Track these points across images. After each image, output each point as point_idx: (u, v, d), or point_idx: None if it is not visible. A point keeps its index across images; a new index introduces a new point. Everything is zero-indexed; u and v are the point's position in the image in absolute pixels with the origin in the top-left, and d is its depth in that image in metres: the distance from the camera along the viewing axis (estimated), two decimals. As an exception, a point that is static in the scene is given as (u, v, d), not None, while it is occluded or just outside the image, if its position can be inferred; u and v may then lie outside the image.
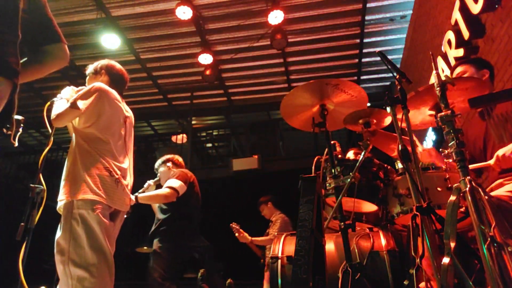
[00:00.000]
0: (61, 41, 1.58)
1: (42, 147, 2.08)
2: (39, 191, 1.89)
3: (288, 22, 6.22)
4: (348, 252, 1.89)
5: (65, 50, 1.60)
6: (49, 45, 1.56)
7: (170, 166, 3.68)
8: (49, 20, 1.57)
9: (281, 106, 2.23)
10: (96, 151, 2.14)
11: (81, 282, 1.90)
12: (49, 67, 1.59)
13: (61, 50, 1.59)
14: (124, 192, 2.21)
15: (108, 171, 2.13)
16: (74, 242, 1.96)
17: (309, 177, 1.87)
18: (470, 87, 1.78)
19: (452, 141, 1.45)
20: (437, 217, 1.50)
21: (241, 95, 8.49)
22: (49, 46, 1.56)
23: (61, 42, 1.58)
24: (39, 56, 1.56)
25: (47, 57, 1.57)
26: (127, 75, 2.58)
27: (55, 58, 1.58)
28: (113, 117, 2.27)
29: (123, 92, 2.51)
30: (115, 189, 2.14)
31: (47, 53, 1.57)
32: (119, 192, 2.16)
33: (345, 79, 2.19)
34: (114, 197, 2.12)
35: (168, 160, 3.76)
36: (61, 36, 1.59)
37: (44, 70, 1.58)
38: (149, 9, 6.09)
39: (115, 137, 2.25)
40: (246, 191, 6.65)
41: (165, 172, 3.64)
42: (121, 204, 2.18)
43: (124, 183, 2.21)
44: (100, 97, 2.22)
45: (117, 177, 2.15)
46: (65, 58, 1.61)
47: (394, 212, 2.12)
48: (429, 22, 5.22)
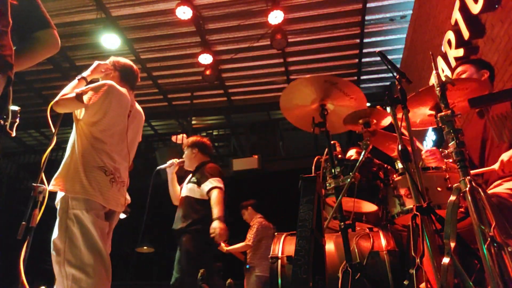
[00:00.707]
0: (50, 26, 1.56)
1: (42, 147, 2.08)
2: (41, 190, 1.89)
3: (288, 22, 6.22)
4: (348, 252, 1.89)
5: (55, 36, 1.58)
6: (38, 31, 1.54)
7: (196, 152, 3.47)
8: (37, 6, 1.54)
9: (280, 100, 2.23)
10: (93, 148, 2.13)
11: (77, 283, 1.89)
12: (41, 54, 1.57)
13: (52, 36, 1.57)
14: (119, 192, 2.19)
15: (103, 171, 2.11)
16: (70, 242, 1.95)
17: (309, 177, 1.87)
18: (470, 87, 1.78)
19: (452, 141, 1.45)
20: (437, 217, 1.50)
21: (241, 95, 8.49)
22: (39, 33, 1.54)
23: (50, 27, 1.56)
24: (29, 43, 1.53)
25: (37, 43, 1.54)
26: (136, 67, 2.57)
27: (45, 44, 1.56)
28: (118, 117, 2.26)
29: (135, 86, 2.51)
30: (110, 189, 2.12)
31: (37, 40, 1.54)
32: (113, 192, 2.14)
33: (345, 79, 2.19)
34: (109, 197, 2.11)
35: (195, 144, 3.49)
36: (50, 22, 1.57)
37: (36, 58, 1.56)
38: (149, 9, 6.09)
39: (115, 137, 2.24)
40: (246, 191, 6.65)
41: (188, 156, 3.48)
42: (115, 204, 2.17)
43: (119, 182, 2.19)
44: (108, 95, 2.21)
45: (112, 177, 2.14)
46: (55, 44, 1.59)
47: (394, 212, 2.12)
48: (429, 22, 5.22)
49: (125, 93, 2.35)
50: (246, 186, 7.71)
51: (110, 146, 2.19)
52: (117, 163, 2.21)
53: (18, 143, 9.76)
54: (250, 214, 5.15)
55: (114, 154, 2.21)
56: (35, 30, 1.54)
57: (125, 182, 2.28)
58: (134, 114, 2.41)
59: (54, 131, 2.14)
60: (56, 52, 1.63)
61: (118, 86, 2.31)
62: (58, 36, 1.60)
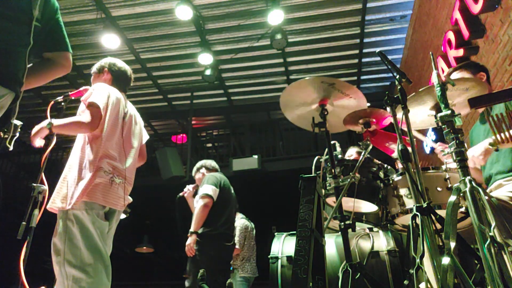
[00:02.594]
0: (66, 49, 1.60)
1: (42, 147, 2.08)
2: (41, 190, 1.89)
3: (288, 22, 6.23)
4: (348, 252, 1.89)
5: (68, 59, 1.62)
6: (54, 52, 1.57)
7: (204, 172, 3.89)
8: (59, 28, 1.59)
9: (280, 100, 2.23)
10: (92, 148, 2.13)
11: (77, 283, 1.88)
12: (51, 75, 1.61)
13: (65, 59, 1.61)
14: (119, 191, 2.19)
15: (103, 170, 2.11)
16: (70, 243, 1.94)
17: (309, 177, 1.87)
18: (470, 87, 1.78)
19: (452, 141, 1.45)
20: (437, 217, 1.50)
21: (241, 95, 8.49)
22: (53, 54, 1.58)
23: (66, 51, 1.60)
24: (42, 65, 1.57)
25: (50, 65, 1.58)
26: (131, 71, 2.58)
27: (57, 66, 1.60)
28: (115, 119, 2.26)
29: (127, 89, 2.52)
30: (109, 188, 2.12)
31: (50, 61, 1.58)
32: (113, 191, 2.14)
33: (343, 80, 2.19)
34: (109, 197, 2.11)
35: (202, 166, 3.97)
36: (68, 45, 1.61)
37: (46, 78, 1.60)
38: (149, 9, 6.09)
39: (113, 136, 2.23)
40: (246, 191, 6.65)
41: (200, 178, 3.89)
42: (115, 203, 2.17)
43: (118, 182, 2.19)
44: (108, 99, 2.23)
45: (111, 176, 2.14)
46: (67, 66, 1.62)
47: (394, 212, 2.12)
48: (429, 22, 5.22)
49: (117, 92, 2.36)
50: (246, 186, 7.72)
51: (110, 143, 2.19)
52: (116, 161, 2.21)
53: (18, 143, 9.74)
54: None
55: (115, 152, 2.21)
56: (51, 50, 1.57)
57: (126, 181, 2.27)
58: (130, 114, 2.43)
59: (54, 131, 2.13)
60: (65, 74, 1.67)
61: (110, 87, 2.33)
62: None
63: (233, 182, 3.98)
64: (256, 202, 5.36)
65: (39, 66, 1.56)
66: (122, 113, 2.35)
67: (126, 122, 2.36)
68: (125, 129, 2.35)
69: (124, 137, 2.32)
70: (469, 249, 1.44)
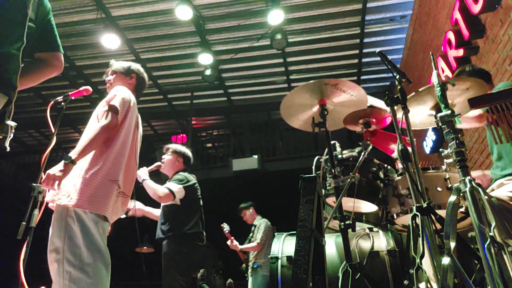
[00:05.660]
0: (58, 50, 1.59)
1: (42, 147, 2.08)
2: (41, 190, 1.88)
3: (288, 22, 6.22)
4: (348, 252, 1.89)
5: (60, 59, 1.61)
6: (46, 52, 1.57)
7: (180, 162, 3.55)
8: (52, 29, 1.57)
9: (280, 107, 2.23)
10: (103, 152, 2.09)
11: (76, 283, 1.84)
12: (43, 75, 1.60)
13: (57, 59, 1.60)
14: (118, 201, 2.14)
15: (111, 180, 2.07)
16: (70, 241, 1.90)
17: (309, 177, 1.87)
18: (470, 87, 1.78)
19: (452, 141, 1.45)
20: (437, 217, 1.50)
21: (241, 95, 8.50)
22: (46, 54, 1.57)
23: (58, 51, 1.59)
24: (35, 64, 1.56)
25: (42, 65, 1.57)
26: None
27: (49, 66, 1.59)
28: (128, 128, 2.22)
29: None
30: (114, 202, 2.09)
31: (42, 62, 1.57)
32: (116, 207, 2.11)
33: (344, 79, 2.19)
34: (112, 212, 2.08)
35: (182, 155, 3.57)
36: (60, 45, 1.60)
37: (38, 78, 1.59)
38: (149, 9, 6.09)
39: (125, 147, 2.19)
40: (246, 191, 6.65)
41: (172, 162, 3.55)
42: (115, 215, 2.15)
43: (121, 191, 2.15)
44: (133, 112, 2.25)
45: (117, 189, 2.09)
46: (59, 67, 1.61)
47: (394, 212, 2.12)
48: (429, 22, 5.22)
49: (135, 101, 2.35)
50: (246, 186, 7.71)
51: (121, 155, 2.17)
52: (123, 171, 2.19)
53: (18, 143, 9.76)
54: (252, 214, 5.21)
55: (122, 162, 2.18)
56: (43, 51, 1.56)
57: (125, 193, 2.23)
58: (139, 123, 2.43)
59: (54, 131, 2.13)
60: (57, 74, 1.66)
61: (133, 96, 2.32)
62: (58, 35, 1.62)
63: (233, 182, 3.95)
64: (256, 202, 5.35)
65: (31, 66, 1.55)
66: (135, 122, 2.33)
67: (137, 131, 2.35)
68: (135, 138, 2.32)
69: (134, 147, 2.31)
70: (469, 249, 1.44)
